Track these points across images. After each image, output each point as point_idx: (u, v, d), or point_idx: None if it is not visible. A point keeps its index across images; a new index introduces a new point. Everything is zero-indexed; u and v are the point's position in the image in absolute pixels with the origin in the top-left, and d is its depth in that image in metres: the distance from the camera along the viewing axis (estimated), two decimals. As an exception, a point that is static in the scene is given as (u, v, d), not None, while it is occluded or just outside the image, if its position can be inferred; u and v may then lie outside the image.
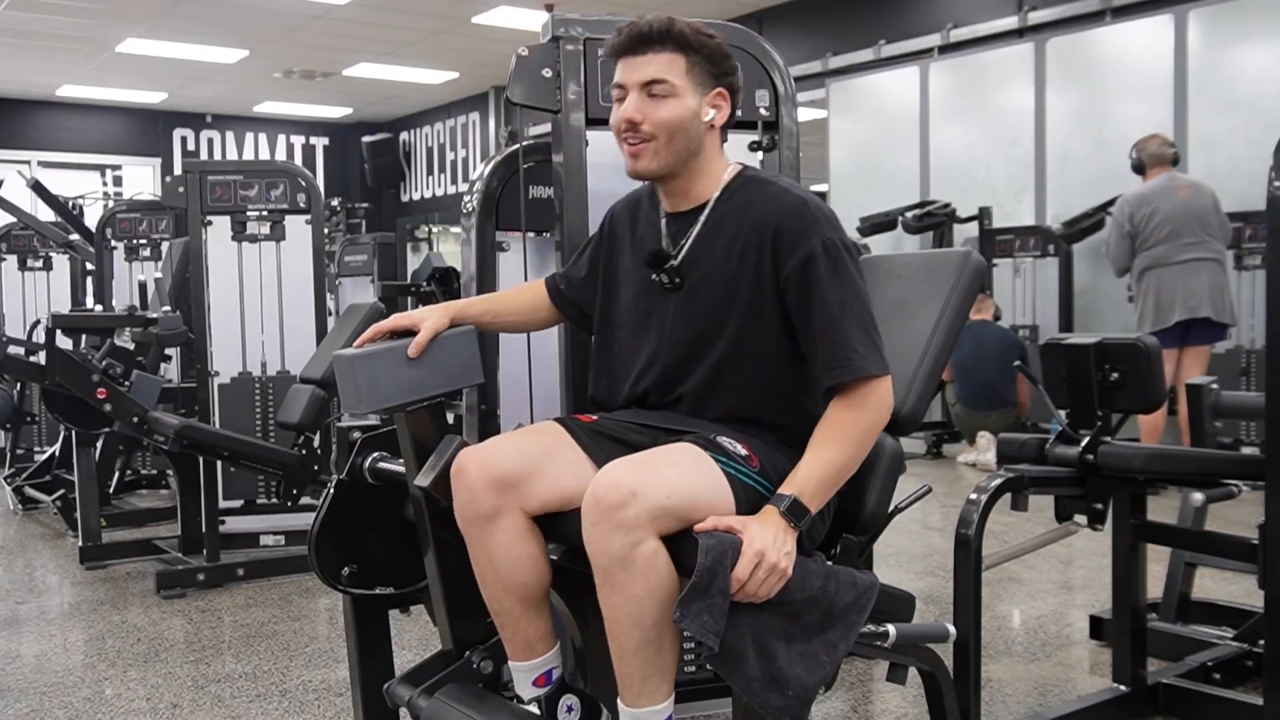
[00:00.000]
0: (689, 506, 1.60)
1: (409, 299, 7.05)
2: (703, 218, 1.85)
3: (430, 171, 13.63)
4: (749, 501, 1.67)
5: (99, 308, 5.94)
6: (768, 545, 1.56)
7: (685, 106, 1.79)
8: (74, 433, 4.44)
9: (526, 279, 2.69)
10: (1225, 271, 5.54)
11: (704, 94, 1.81)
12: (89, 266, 6.75)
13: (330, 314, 5.15)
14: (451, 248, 12.35)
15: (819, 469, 1.67)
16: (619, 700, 1.64)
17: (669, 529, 1.58)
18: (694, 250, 1.85)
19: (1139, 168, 5.64)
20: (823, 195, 8.16)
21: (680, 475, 1.62)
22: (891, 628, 1.71)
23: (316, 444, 4.02)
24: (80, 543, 4.37)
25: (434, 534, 1.87)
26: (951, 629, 1.80)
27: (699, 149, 1.83)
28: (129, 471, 5.74)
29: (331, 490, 2.01)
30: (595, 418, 1.88)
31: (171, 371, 5.48)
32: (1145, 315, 5.45)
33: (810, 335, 1.74)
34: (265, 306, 4.78)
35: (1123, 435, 2.59)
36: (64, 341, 4.25)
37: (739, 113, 1.90)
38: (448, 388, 1.88)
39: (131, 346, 4.80)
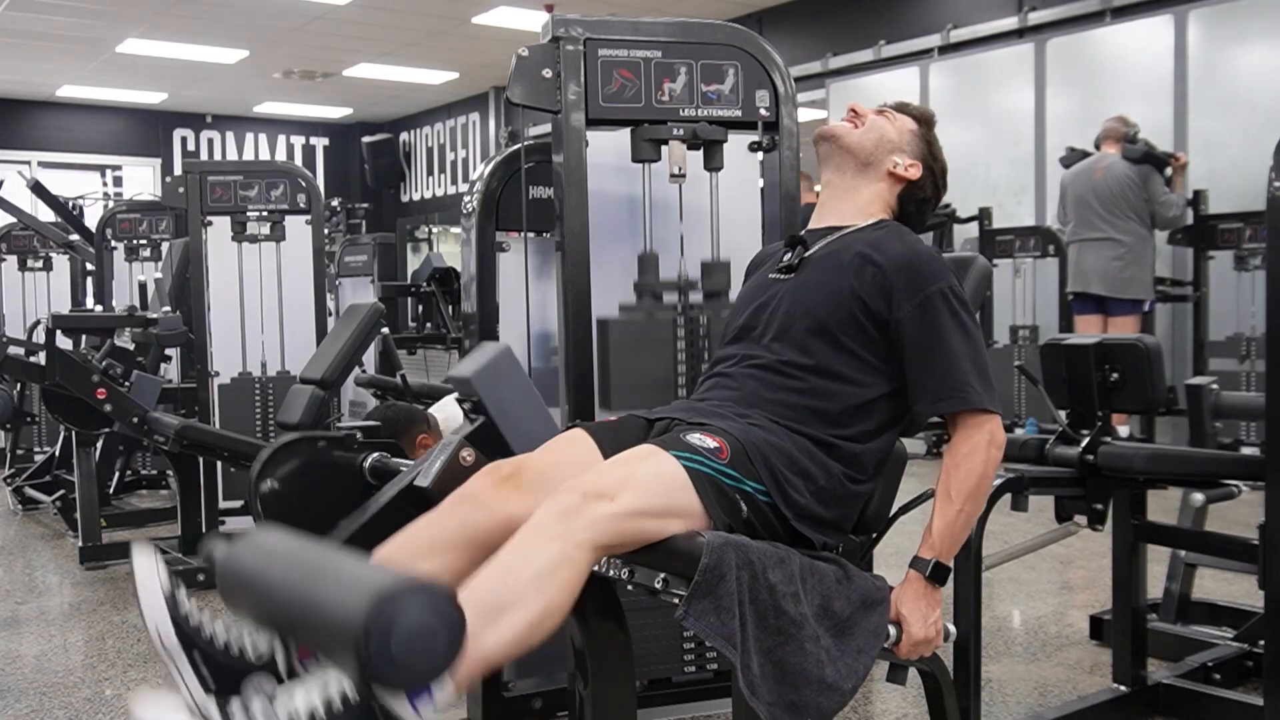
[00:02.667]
0: (646, 509, 1.58)
1: (409, 299, 7.06)
2: (840, 233, 1.96)
3: (430, 172, 13.63)
4: (715, 493, 1.65)
5: (99, 308, 5.94)
6: (919, 627, 1.70)
7: (890, 134, 2.02)
8: (74, 433, 4.43)
9: (527, 279, 2.69)
10: (1129, 249, 5.96)
11: (905, 151, 2.01)
12: (89, 267, 6.75)
13: (330, 314, 5.15)
14: (451, 248, 12.35)
15: (953, 524, 1.76)
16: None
17: (628, 534, 1.57)
18: (822, 249, 1.95)
19: (1097, 145, 6.24)
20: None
21: (636, 477, 1.61)
22: (892, 628, 1.71)
23: (316, 444, 4.01)
24: (80, 543, 4.37)
25: (389, 506, 1.86)
26: (952, 629, 1.80)
27: (874, 170, 2.00)
28: (129, 472, 5.74)
29: (314, 435, 2.03)
30: (615, 418, 1.91)
31: (171, 371, 5.48)
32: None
33: (923, 368, 1.80)
34: (265, 306, 4.78)
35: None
36: (64, 341, 4.25)
37: (914, 214, 2.04)
38: (512, 435, 1.91)
39: (131, 346, 4.80)
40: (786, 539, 1.70)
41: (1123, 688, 2.67)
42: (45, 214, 7.46)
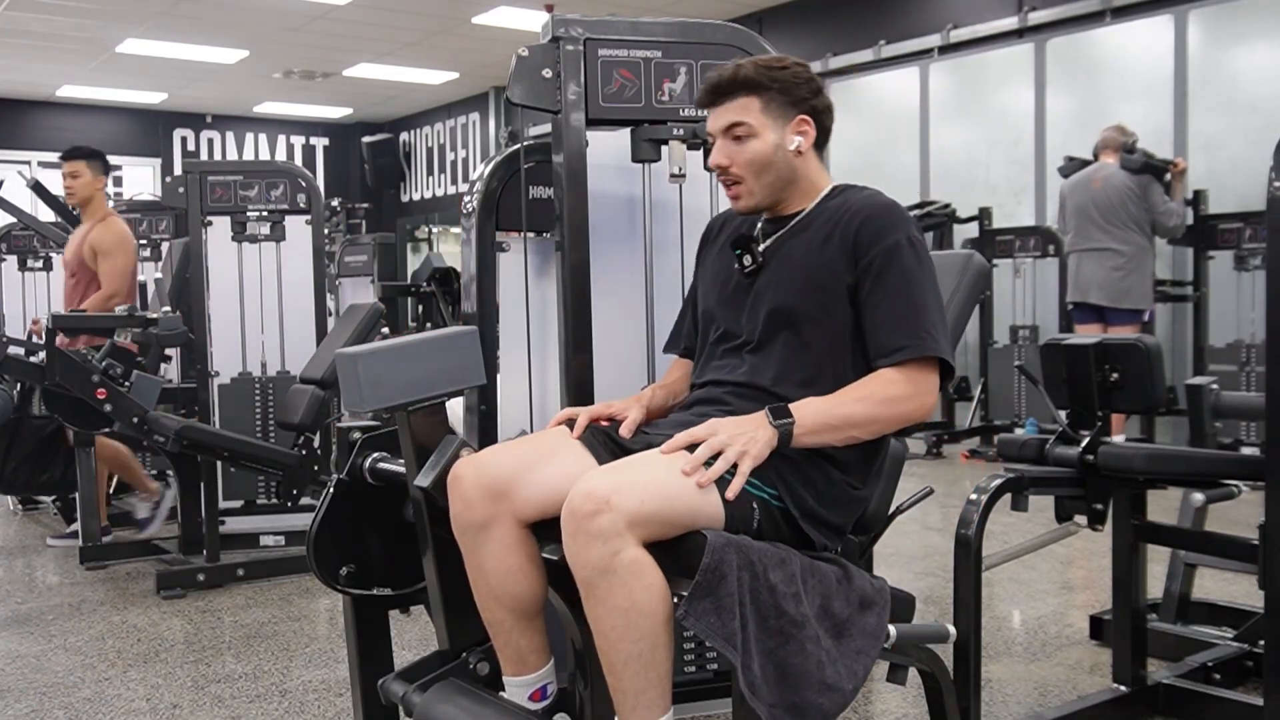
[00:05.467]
0: (669, 510, 1.57)
1: (409, 299, 7.06)
2: (797, 219, 1.91)
3: (430, 172, 13.63)
4: (735, 501, 1.65)
5: (99, 308, 5.93)
6: (729, 431, 1.66)
7: (766, 143, 1.86)
8: (74, 433, 4.44)
9: (527, 279, 2.69)
10: (1128, 259, 5.92)
11: (785, 125, 1.87)
12: (89, 267, 6.74)
13: (330, 314, 5.16)
14: (451, 248, 12.36)
15: (831, 407, 1.71)
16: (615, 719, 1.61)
17: (653, 535, 1.56)
18: (781, 240, 1.90)
19: (1095, 155, 6.20)
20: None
21: (656, 478, 1.60)
22: (892, 628, 1.71)
23: (316, 444, 4.02)
24: (80, 543, 4.38)
25: (433, 535, 1.86)
26: (951, 629, 1.80)
27: (794, 175, 1.90)
28: (129, 471, 5.73)
29: (331, 489, 2.01)
30: (607, 422, 1.89)
31: (171, 371, 5.48)
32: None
33: (882, 312, 1.76)
34: (265, 306, 4.78)
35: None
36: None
37: (830, 128, 1.94)
38: (449, 388, 1.88)
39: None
40: (791, 542, 1.70)
41: (1123, 688, 2.67)
42: (45, 214, 7.45)
